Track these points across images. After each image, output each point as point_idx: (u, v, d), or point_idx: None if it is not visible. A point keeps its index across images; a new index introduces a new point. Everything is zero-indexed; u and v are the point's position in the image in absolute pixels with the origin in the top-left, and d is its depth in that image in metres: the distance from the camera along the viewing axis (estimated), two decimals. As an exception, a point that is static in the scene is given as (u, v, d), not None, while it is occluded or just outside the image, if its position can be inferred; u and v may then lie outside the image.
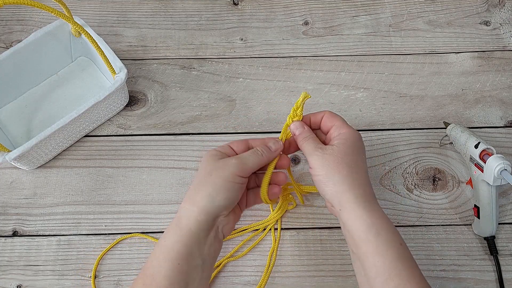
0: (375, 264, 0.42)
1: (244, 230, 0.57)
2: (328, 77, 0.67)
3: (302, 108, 0.49)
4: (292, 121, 0.49)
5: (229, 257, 0.56)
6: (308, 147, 0.47)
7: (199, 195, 0.45)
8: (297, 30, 0.70)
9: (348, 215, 0.44)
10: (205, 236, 0.45)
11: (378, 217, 0.44)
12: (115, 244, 0.57)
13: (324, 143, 0.49)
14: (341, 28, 0.71)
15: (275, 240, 0.57)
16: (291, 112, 0.49)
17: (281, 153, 0.50)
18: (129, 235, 0.57)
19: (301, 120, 0.50)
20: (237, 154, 0.49)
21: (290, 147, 0.51)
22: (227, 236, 0.55)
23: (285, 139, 0.50)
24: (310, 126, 0.50)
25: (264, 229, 0.57)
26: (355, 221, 0.44)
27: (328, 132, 0.49)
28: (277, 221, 0.58)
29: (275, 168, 0.49)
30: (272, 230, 0.57)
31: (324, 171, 0.45)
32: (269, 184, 0.50)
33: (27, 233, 0.57)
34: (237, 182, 0.46)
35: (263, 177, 0.49)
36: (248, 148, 0.50)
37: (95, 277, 0.55)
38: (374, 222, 0.43)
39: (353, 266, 0.46)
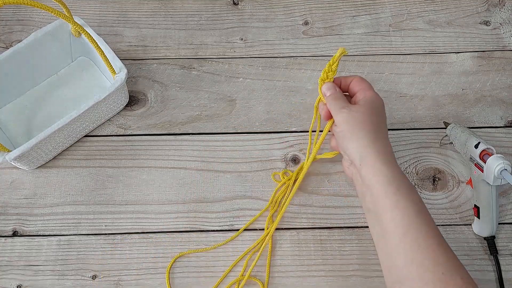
0: (394, 218, 0.43)
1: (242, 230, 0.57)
2: (328, 77, 0.67)
3: (338, 64, 0.50)
4: (324, 82, 0.51)
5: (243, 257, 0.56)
6: (336, 105, 0.49)
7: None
8: (297, 30, 0.70)
9: (368, 169, 0.45)
10: None
11: (398, 173, 0.45)
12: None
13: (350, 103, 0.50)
14: (341, 28, 0.71)
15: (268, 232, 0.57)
16: (326, 66, 0.50)
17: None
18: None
19: (332, 81, 0.51)
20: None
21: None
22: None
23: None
24: (340, 87, 0.52)
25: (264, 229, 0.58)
26: (376, 175, 0.45)
27: (354, 96, 0.51)
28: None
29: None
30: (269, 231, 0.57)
31: (349, 126, 0.47)
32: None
33: (27, 233, 0.57)
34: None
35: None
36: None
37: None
38: (395, 177, 0.44)
39: (369, 225, 0.47)
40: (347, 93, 0.52)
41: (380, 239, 0.45)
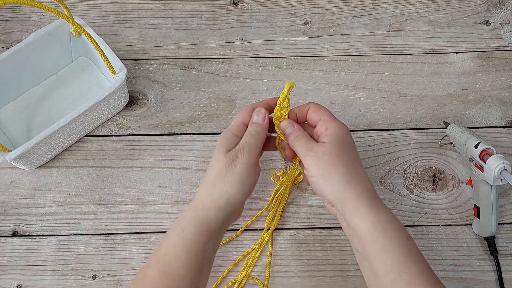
0: (383, 262, 0.42)
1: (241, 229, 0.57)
2: (328, 77, 0.67)
3: (289, 99, 0.48)
4: (279, 121, 0.49)
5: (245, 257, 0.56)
6: (300, 148, 0.46)
7: (217, 193, 0.45)
8: (297, 30, 0.70)
9: (351, 214, 0.43)
10: (220, 230, 0.46)
11: (382, 213, 0.43)
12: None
13: (312, 137, 0.48)
14: (341, 28, 0.71)
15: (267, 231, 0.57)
16: (278, 104, 0.48)
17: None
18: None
19: (288, 116, 0.49)
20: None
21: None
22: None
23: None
24: (297, 121, 0.49)
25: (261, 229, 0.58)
26: (360, 220, 0.43)
27: (315, 126, 0.48)
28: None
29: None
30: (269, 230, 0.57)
31: (320, 171, 0.44)
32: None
33: (27, 233, 0.57)
34: (251, 172, 0.46)
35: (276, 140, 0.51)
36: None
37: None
38: (379, 219, 0.43)
39: (360, 266, 0.46)
40: (306, 123, 0.50)
41: (371, 278, 0.43)
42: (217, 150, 0.47)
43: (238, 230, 0.58)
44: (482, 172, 0.54)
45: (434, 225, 0.58)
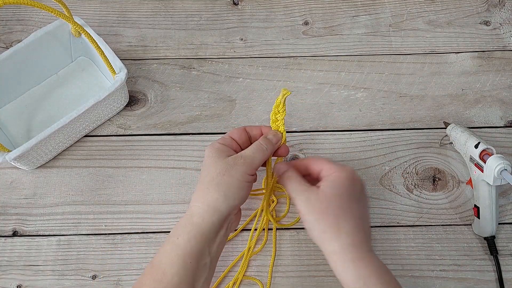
0: None
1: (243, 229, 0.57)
2: (328, 77, 0.67)
3: (284, 105, 0.48)
4: (276, 124, 0.49)
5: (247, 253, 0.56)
6: (292, 189, 0.46)
7: (213, 195, 0.45)
8: (297, 30, 0.70)
9: (334, 264, 0.43)
10: (216, 235, 0.45)
11: (366, 267, 0.42)
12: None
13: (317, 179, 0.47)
14: (341, 28, 0.71)
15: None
16: (273, 109, 0.49)
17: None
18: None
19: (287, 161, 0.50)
20: (239, 145, 0.49)
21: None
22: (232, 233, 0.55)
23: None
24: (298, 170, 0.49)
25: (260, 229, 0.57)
26: (342, 272, 0.43)
27: (317, 176, 0.48)
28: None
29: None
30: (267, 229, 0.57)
31: (310, 217, 0.44)
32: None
33: (27, 233, 0.57)
34: (248, 180, 0.46)
35: (267, 167, 0.50)
36: (248, 136, 0.50)
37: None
38: (360, 274, 0.42)
39: None
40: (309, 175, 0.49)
41: None
42: (212, 155, 0.47)
43: (237, 229, 0.57)
44: (482, 172, 0.54)
45: (434, 225, 0.58)
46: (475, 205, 0.57)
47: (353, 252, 0.43)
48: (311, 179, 0.48)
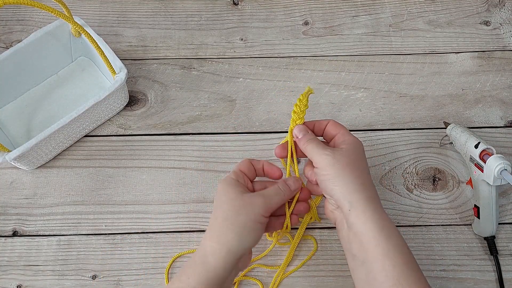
0: (385, 268, 0.42)
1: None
2: (328, 77, 0.67)
3: (307, 100, 0.50)
4: (296, 124, 0.50)
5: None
6: (314, 147, 0.47)
7: (227, 235, 0.44)
8: (297, 30, 0.70)
9: (358, 216, 0.44)
10: (228, 274, 0.45)
11: (387, 221, 0.44)
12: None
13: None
14: (341, 28, 0.71)
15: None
16: (297, 101, 0.50)
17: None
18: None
19: (303, 123, 0.50)
20: (249, 178, 0.50)
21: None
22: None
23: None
24: (313, 131, 0.51)
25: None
26: (366, 222, 0.43)
27: (331, 140, 0.50)
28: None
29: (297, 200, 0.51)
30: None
31: (334, 170, 0.45)
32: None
33: (27, 233, 0.57)
34: (262, 222, 0.46)
35: (286, 211, 0.50)
36: (254, 169, 0.50)
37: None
38: (385, 225, 0.43)
39: (352, 273, 0.45)
40: (321, 137, 0.51)
41: (366, 285, 0.43)
42: (227, 190, 0.46)
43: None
44: (482, 172, 0.54)
45: (434, 225, 0.58)
46: (475, 205, 0.57)
47: (376, 203, 0.45)
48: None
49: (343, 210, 0.45)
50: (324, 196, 0.49)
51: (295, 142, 0.51)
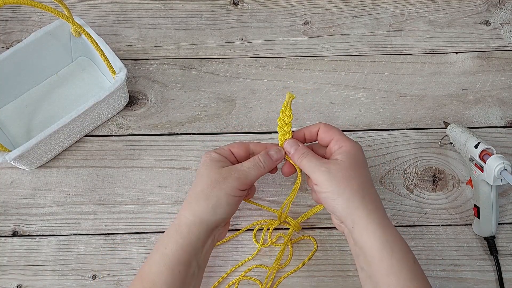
0: (389, 283, 0.41)
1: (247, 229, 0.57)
2: (328, 77, 0.67)
3: (291, 109, 0.48)
4: (283, 130, 0.49)
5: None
6: (309, 163, 0.46)
7: (201, 207, 0.45)
8: (297, 30, 0.70)
9: (361, 232, 0.43)
10: (203, 245, 0.46)
11: (391, 234, 0.43)
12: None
13: (324, 157, 0.48)
14: (341, 28, 0.71)
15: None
16: (280, 113, 0.49)
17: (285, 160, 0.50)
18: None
19: (293, 137, 0.49)
20: (236, 159, 0.49)
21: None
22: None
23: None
24: (305, 141, 0.50)
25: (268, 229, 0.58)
26: (369, 238, 0.43)
27: (327, 146, 0.48)
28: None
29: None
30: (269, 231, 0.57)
31: (333, 187, 0.44)
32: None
33: (27, 233, 0.57)
34: (238, 195, 0.46)
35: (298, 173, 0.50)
36: (248, 153, 0.50)
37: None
38: (388, 239, 0.43)
39: (362, 282, 0.45)
40: (316, 142, 0.50)
41: None
42: (206, 164, 0.47)
43: (238, 230, 0.57)
44: (482, 172, 0.54)
45: (434, 225, 0.58)
46: (475, 205, 0.57)
47: (379, 218, 0.43)
48: (319, 146, 0.49)
49: (346, 226, 0.45)
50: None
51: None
